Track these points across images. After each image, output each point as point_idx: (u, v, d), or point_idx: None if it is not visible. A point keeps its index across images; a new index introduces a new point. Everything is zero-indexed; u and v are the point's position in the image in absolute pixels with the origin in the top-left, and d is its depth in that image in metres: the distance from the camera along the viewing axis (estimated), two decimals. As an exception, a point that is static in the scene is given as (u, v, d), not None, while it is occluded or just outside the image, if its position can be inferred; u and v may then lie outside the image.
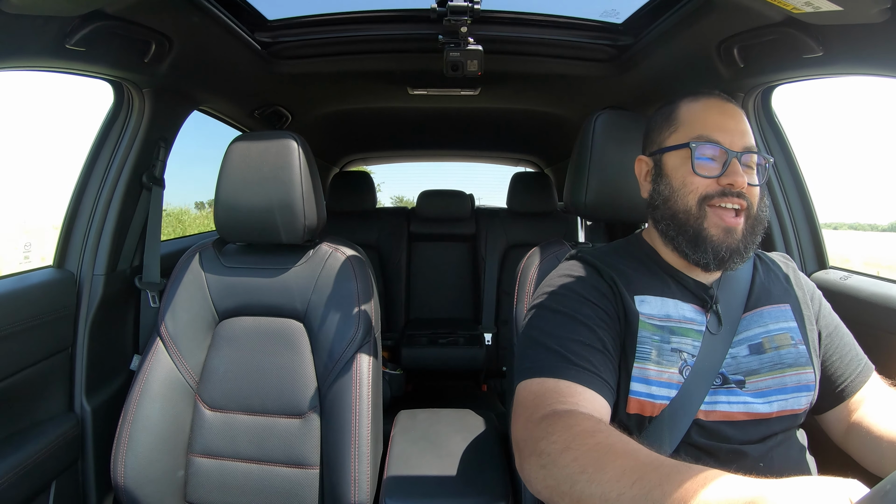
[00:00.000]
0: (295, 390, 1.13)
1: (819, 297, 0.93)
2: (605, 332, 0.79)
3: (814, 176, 1.36)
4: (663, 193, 0.86)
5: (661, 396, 0.77)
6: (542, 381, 0.73)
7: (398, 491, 1.05)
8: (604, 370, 0.75)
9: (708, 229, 0.81)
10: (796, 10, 0.89)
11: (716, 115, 0.84)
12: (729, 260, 0.81)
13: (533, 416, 0.67)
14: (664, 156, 0.88)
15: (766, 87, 1.28)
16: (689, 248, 0.83)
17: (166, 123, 1.42)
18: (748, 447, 0.77)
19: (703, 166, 0.82)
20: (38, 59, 0.99)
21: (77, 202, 1.31)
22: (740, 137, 0.82)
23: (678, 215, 0.84)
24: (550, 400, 0.69)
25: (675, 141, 0.86)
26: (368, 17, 1.40)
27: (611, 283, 0.84)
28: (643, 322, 0.81)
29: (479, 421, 1.31)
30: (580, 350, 0.75)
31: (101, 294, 1.30)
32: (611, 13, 1.37)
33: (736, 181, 0.79)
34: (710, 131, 0.82)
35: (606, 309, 0.82)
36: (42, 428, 1.17)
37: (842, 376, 0.86)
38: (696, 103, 0.87)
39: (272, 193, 1.15)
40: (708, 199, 0.81)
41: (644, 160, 0.94)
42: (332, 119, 2.30)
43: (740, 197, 0.80)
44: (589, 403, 0.70)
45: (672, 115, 0.89)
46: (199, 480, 1.13)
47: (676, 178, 0.85)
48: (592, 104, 1.87)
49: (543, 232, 2.52)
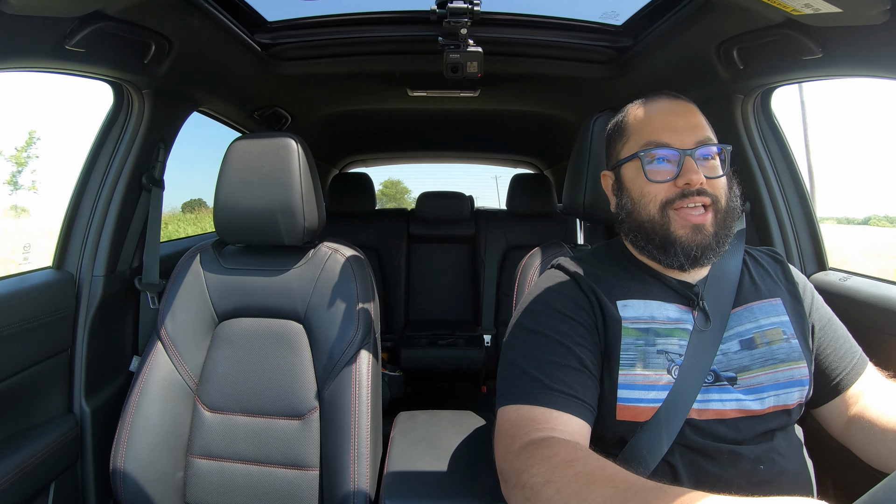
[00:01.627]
0: (294, 391, 1.13)
1: (811, 291, 0.92)
2: (582, 348, 0.78)
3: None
4: (626, 207, 0.86)
5: (650, 400, 0.77)
6: (518, 409, 0.74)
7: (397, 492, 1.04)
8: (580, 390, 0.74)
9: (675, 232, 0.80)
10: (796, 12, 0.89)
11: (663, 117, 0.84)
12: (702, 257, 0.81)
13: (512, 446, 0.68)
14: (621, 168, 0.88)
15: (766, 88, 1.28)
16: (660, 254, 0.83)
17: (166, 124, 1.42)
18: (744, 447, 0.76)
19: (656, 172, 0.82)
20: (37, 59, 0.99)
21: (76, 203, 1.31)
22: (691, 133, 0.81)
23: (644, 225, 0.83)
24: (527, 428, 0.70)
25: (627, 152, 0.86)
26: (368, 18, 1.40)
27: (589, 292, 0.84)
28: (626, 328, 0.80)
29: (478, 422, 1.30)
30: (556, 372, 0.75)
31: (101, 295, 1.29)
32: (610, 15, 1.37)
33: (691, 179, 0.78)
34: (657, 135, 0.82)
35: (584, 322, 0.81)
36: (41, 429, 1.17)
37: (836, 369, 0.85)
38: (641, 109, 0.87)
39: (272, 195, 1.15)
40: (670, 204, 0.81)
41: (608, 174, 0.94)
42: (331, 120, 2.30)
43: (702, 195, 0.79)
44: (566, 427, 0.71)
45: (621, 124, 0.89)
46: (198, 482, 1.12)
47: (635, 189, 0.85)
48: (592, 106, 1.86)
49: (543, 233, 2.52)
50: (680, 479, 0.75)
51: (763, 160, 1.34)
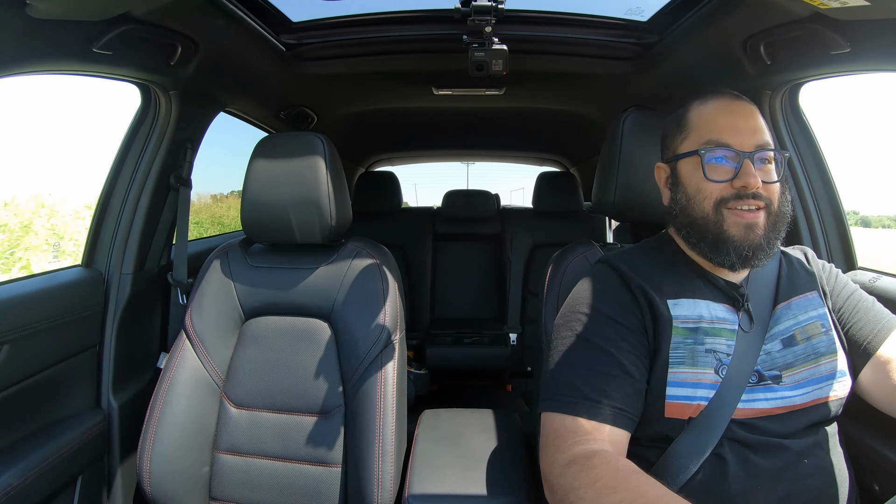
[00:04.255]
0: (320, 389, 1.13)
1: (834, 273, 0.93)
2: (627, 354, 0.79)
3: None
4: (680, 202, 0.87)
5: (698, 398, 0.77)
6: (561, 419, 0.76)
7: (421, 490, 1.04)
8: (620, 398, 0.76)
9: (728, 230, 0.81)
10: (823, 6, 0.87)
11: (725, 116, 0.84)
12: (753, 257, 0.81)
13: (557, 459, 0.72)
14: (678, 163, 0.88)
15: (794, 84, 1.25)
16: (712, 251, 0.83)
17: (193, 125, 1.44)
18: (790, 441, 0.77)
19: (714, 171, 0.82)
20: (65, 63, 1.01)
21: (105, 202, 1.33)
22: (751, 136, 0.82)
23: (697, 222, 0.84)
24: (570, 440, 0.73)
25: (687, 147, 0.86)
26: (392, 17, 1.40)
27: (638, 292, 0.84)
28: (676, 327, 0.81)
29: (502, 421, 1.29)
30: (597, 381, 0.77)
31: (129, 293, 1.31)
32: (635, 11, 1.36)
33: (749, 182, 0.79)
34: (719, 134, 0.82)
35: (630, 325, 0.81)
36: (69, 423, 1.19)
37: (865, 333, 0.84)
38: (704, 106, 0.87)
39: (298, 193, 1.16)
40: (724, 203, 0.81)
41: (662, 167, 0.94)
42: (357, 119, 2.31)
43: (756, 198, 0.80)
44: (607, 437, 0.73)
45: (682, 120, 0.89)
46: (223, 477, 1.13)
47: (691, 185, 0.85)
48: (618, 103, 1.86)
49: (569, 231, 2.50)
50: (729, 470, 0.75)
51: (791, 156, 1.32)
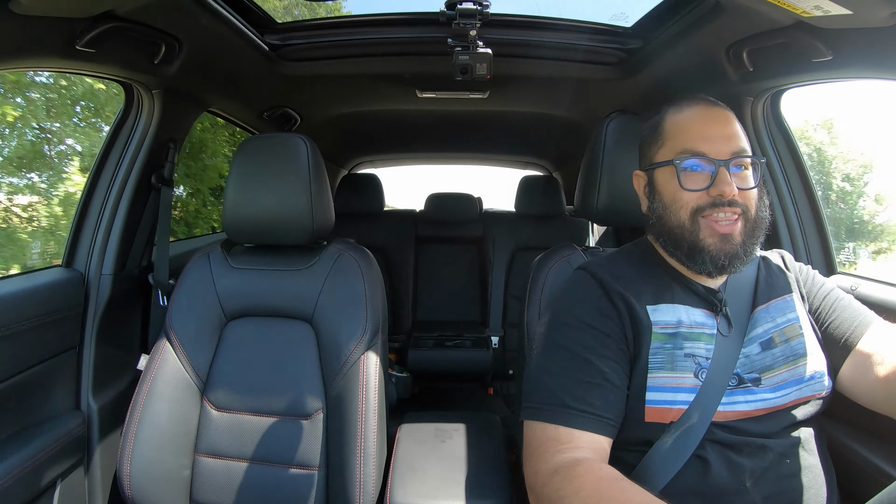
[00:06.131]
0: (302, 391, 1.13)
1: (811, 274, 0.94)
2: (607, 360, 0.80)
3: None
4: (657, 210, 0.87)
5: (678, 402, 0.78)
6: (543, 427, 0.78)
7: (403, 493, 1.04)
8: (601, 406, 0.77)
9: (704, 240, 0.81)
10: (805, 14, 0.88)
11: (700, 124, 0.84)
12: (729, 266, 0.82)
13: (541, 468, 0.74)
14: (655, 171, 0.89)
15: (776, 90, 1.27)
16: (688, 260, 0.84)
17: (176, 125, 1.42)
18: (772, 441, 0.78)
19: (690, 180, 0.82)
20: (48, 59, 1.00)
21: (86, 202, 1.31)
22: (726, 143, 0.82)
23: (673, 231, 0.84)
24: (552, 449, 0.75)
25: (663, 156, 0.87)
26: (377, 20, 1.40)
27: (618, 299, 0.84)
28: (655, 333, 0.82)
29: (484, 424, 1.30)
30: (577, 390, 0.78)
31: (109, 294, 1.30)
32: (620, 17, 1.37)
33: (724, 191, 0.79)
34: (693, 143, 0.83)
35: (610, 332, 0.82)
36: (48, 426, 1.17)
37: (842, 325, 0.85)
38: (679, 114, 0.88)
39: (281, 195, 1.15)
40: (700, 212, 0.82)
41: (640, 175, 0.94)
42: (340, 121, 2.30)
43: (733, 205, 0.81)
44: (589, 444, 0.75)
45: (658, 128, 0.90)
46: (204, 480, 1.13)
47: (667, 194, 0.86)
48: (601, 107, 1.87)
49: (551, 235, 2.52)
50: (712, 471, 0.76)
51: (772, 162, 1.33)
